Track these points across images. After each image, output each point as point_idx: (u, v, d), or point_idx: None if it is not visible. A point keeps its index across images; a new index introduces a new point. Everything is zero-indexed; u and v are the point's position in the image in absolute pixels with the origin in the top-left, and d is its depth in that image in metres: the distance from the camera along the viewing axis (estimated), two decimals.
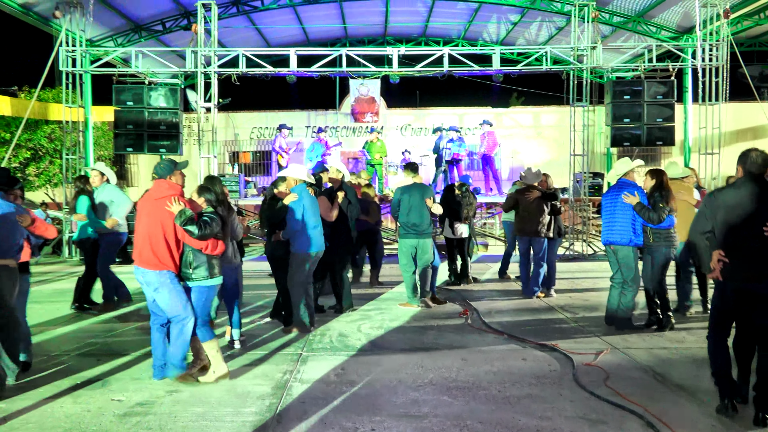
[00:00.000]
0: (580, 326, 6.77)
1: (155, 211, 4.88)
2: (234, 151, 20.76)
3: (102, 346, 6.17)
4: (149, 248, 4.84)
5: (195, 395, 4.66)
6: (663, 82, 13.01)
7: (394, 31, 19.24)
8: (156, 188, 5.01)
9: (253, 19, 16.44)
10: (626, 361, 5.42)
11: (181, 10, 14.96)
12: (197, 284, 4.94)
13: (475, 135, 20.56)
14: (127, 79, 13.18)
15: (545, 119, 20.98)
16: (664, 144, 13.34)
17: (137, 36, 15.22)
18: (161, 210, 4.84)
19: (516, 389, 4.71)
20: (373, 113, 20.31)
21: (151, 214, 4.90)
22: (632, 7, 15.08)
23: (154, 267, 4.83)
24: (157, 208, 4.88)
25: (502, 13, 16.85)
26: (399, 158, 17.06)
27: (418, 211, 7.69)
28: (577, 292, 8.80)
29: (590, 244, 13.50)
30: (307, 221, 6.41)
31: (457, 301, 8.18)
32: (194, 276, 4.93)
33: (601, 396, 4.49)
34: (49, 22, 12.97)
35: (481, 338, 6.31)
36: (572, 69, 13.60)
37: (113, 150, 14.20)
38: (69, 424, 4.14)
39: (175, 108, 13.02)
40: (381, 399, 4.56)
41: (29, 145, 17.08)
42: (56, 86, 14.18)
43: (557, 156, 17.93)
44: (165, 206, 4.81)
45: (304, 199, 6.44)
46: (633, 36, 16.03)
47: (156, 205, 4.89)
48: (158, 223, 4.85)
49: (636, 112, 12.97)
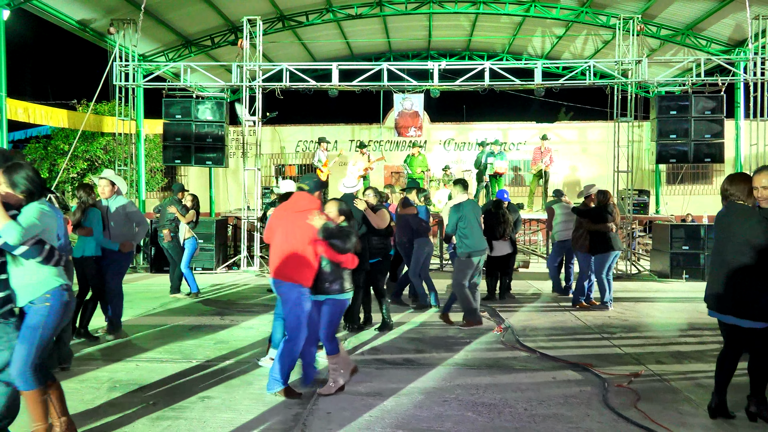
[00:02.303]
0: (616, 347, 6.64)
1: (296, 224, 4.87)
2: (280, 164, 21.15)
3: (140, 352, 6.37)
4: (287, 261, 4.83)
5: (225, 402, 4.78)
6: (712, 97, 12.70)
7: (437, 46, 19.35)
8: (296, 201, 5.01)
9: (298, 33, 16.79)
10: (660, 384, 5.29)
11: (229, 26, 15.40)
12: (334, 297, 4.98)
13: (519, 150, 20.47)
14: (176, 92, 13.63)
15: (591, 134, 20.72)
16: (712, 161, 13.00)
17: (187, 51, 15.73)
18: (302, 223, 4.83)
19: (543, 408, 4.66)
20: (416, 127, 20.38)
21: (292, 227, 4.89)
22: (681, 19, 14.77)
23: (288, 279, 4.83)
24: (297, 221, 4.87)
25: (546, 26, 16.75)
26: (440, 173, 17.06)
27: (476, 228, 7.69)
28: (614, 311, 8.63)
29: (635, 263, 13.20)
30: None
31: (492, 318, 8.13)
32: (331, 289, 4.96)
33: (629, 418, 4.40)
34: (104, 38, 13.54)
35: (512, 356, 6.26)
36: (617, 83, 13.40)
37: (162, 162, 14.67)
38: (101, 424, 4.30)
39: (221, 121, 13.39)
40: (406, 413, 4.58)
41: (86, 156, 17.78)
42: (111, 100, 14.75)
43: (603, 172, 17.65)
44: (306, 220, 4.81)
45: None
46: (682, 49, 15.70)
47: (297, 218, 4.88)
48: (299, 236, 4.84)
49: (683, 128, 12.70)
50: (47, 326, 3.65)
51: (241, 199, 14.29)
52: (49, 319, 3.65)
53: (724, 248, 4.27)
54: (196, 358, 6.07)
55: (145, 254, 12.95)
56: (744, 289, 4.12)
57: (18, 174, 3.63)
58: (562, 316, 8.35)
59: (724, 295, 4.22)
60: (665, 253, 12.14)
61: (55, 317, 3.68)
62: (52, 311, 3.66)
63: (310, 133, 20.86)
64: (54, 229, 3.75)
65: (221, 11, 14.46)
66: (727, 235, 4.27)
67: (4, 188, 3.62)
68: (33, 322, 3.62)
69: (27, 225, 3.50)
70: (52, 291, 3.68)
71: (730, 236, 4.23)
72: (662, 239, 12.45)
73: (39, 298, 3.65)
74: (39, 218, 3.58)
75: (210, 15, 14.59)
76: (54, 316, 3.67)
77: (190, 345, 6.60)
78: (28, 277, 3.65)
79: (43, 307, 3.64)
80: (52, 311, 3.66)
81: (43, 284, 3.66)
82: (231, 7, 14.33)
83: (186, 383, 5.24)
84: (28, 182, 3.65)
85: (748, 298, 4.09)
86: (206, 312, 8.51)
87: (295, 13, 15.42)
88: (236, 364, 5.89)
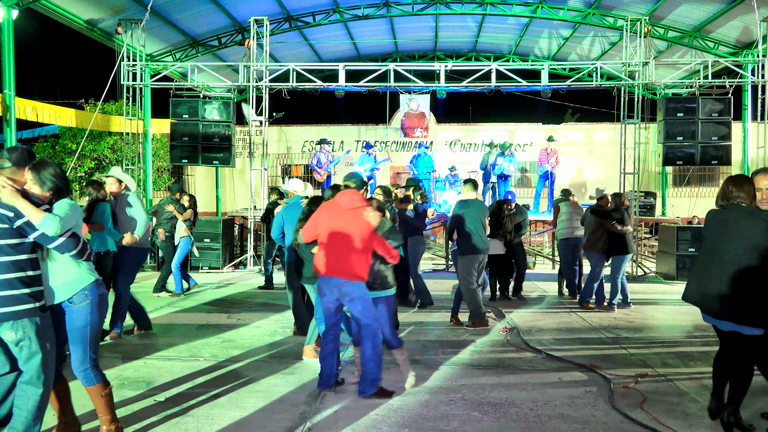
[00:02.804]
0: (622, 348, 6.64)
1: (350, 221, 4.86)
2: (286, 164, 21.20)
3: (148, 350, 6.41)
4: (345, 258, 4.81)
5: (232, 400, 4.81)
6: (719, 99, 12.67)
7: (444, 47, 19.36)
8: (348, 198, 5.00)
9: (306, 34, 16.83)
10: (666, 385, 5.29)
11: (236, 26, 15.44)
12: (386, 293, 5.05)
13: (525, 152, 20.46)
14: (183, 92, 13.68)
15: (597, 136, 20.70)
16: (719, 163, 12.96)
17: (194, 51, 15.78)
18: (357, 220, 4.84)
19: (548, 408, 4.67)
20: (422, 128, 20.43)
21: (345, 224, 4.86)
22: (688, 21, 14.74)
23: (352, 278, 4.81)
24: (351, 218, 4.87)
25: (553, 28, 16.74)
26: (446, 174, 17.09)
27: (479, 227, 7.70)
28: (620, 313, 8.62)
29: (640, 265, 13.18)
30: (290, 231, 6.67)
31: (499, 318, 8.14)
32: (385, 285, 5.04)
33: (635, 419, 4.41)
34: (112, 38, 13.60)
35: (518, 356, 6.27)
36: (623, 85, 13.38)
37: (169, 161, 14.73)
38: None
39: (228, 121, 13.44)
40: (412, 412, 4.59)
41: (93, 156, 17.88)
42: (119, 99, 14.82)
43: (609, 174, 17.63)
44: (361, 216, 4.83)
45: (287, 211, 6.72)
46: (689, 51, 15.66)
47: (350, 215, 4.88)
48: (355, 233, 4.83)
49: (690, 130, 12.67)
50: (93, 323, 3.75)
51: (247, 199, 14.35)
52: (93, 316, 3.75)
53: (723, 249, 4.12)
54: (204, 356, 6.11)
55: (152, 253, 13.00)
56: (747, 293, 3.98)
57: (45, 171, 3.65)
58: (568, 317, 8.35)
59: (723, 299, 4.06)
60: (671, 255, 12.12)
61: (98, 312, 3.78)
62: (94, 307, 3.74)
63: (316, 133, 20.91)
64: (81, 226, 3.82)
65: (228, 12, 14.51)
66: (727, 237, 4.11)
67: (31, 185, 3.63)
68: (80, 323, 3.71)
69: (64, 217, 3.52)
70: (90, 287, 3.74)
71: (732, 238, 4.08)
72: (668, 241, 12.43)
73: (77, 295, 3.70)
74: (72, 212, 3.62)
75: (217, 15, 14.64)
76: (96, 311, 3.76)
77: (197, 343, 6.64)
78: (64, 274, 3.66)
79: (85, 305, 3.71)
80: (93, 308, 3.74)
81: (80, 281, 3.71)
82: (238, 8, 14.37)
83: (193, 381, 5.28)
84: (56, 179, 3.67)
85: (751, 304, 3.96)
86: (213, 311, 8.55)
87: (302, 13, 15.46)
88: (243, 362, 5.92)
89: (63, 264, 3.67)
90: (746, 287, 3.98)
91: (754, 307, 3.95)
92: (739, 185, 4.21)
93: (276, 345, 6.62)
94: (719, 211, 4.29)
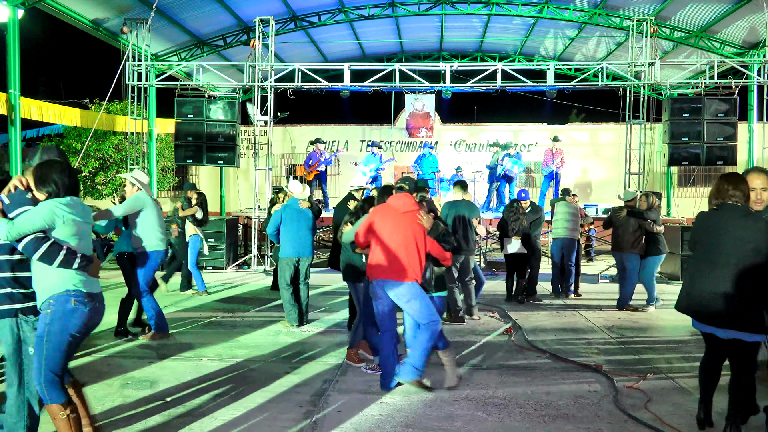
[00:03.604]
0: (626, 348, 6.62)
1: (405, 224, 4.97)
2: (291, 164, 21.20)
3: (152, 349, 6.42)
4: (401, 261, 4.90)
5: (237, 399, 4.81)
6: (725, 99, 12.62)
7: (449, 47, 19.33)
8: (402, 201, 5.10)
9: (311, 34, 16.83)
10: (671, 385, 5.27)
11: (242, 26, 15.45)
12: (439, 294, 5.14)
13: (531, 152, 20.40)
14: (188, 92, 13.70)
15: (603, 136, 20.63)
16: (725, 163, 12.89)
17: (199, 51, 15.80)
18: (412, 223, 4.94)
19: (553, 409, 4.65)
20: (427, 128, 20.41)
21: (401, 227, 4.98)
22: (695, 22, 14.68)
23: (407, 279, 4.91)
24: (406, 221, 4.97)
25: (559, 28, 16.69)
26: (452, 174, 17.05)
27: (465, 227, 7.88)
28: (626, 313, 8.60)
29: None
30: (285, 230, 7.36)
31: (503, 318, 8.13)
32: (437, 286, 5.12)
33: (640, 419, 4.40)
34: (117, 38, 13.61)
35: (523, 356, 6.25)
36: (629, 85, 13.34)
37: (174, 161, 14.75)
38: (113, 420, 4.34)
39: (232, 121, 13.45)
40: (416, 411, 4.59)
41: (98, 155, 17.89)
42: (123, 99, 14.85)
43: (614, 174, 17.58)
44: (416, 219, 4.93)
45: (284, 210, 7.43)
46: (695, 52, 15.59)
47: (405, 218, 4.99)
48: (411, 235, 4.94)
49: (695, 131, 12.63)
50: (51, 335, 3.40)
51: (251, 199, 14.35)
52: (51, 327, 3.41)
53: (720, 253, 3.93)
54: (208, 355, 6.12)
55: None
56: (748, 299, 3.82)
57: (43, 173, 3.54)
58: (572, 317, 8.33)
59: (723, 306, 3.87)
60: (676, 255, 12.06)
61: (59, 325, 3.41)
62: (55, 318, 3.41)
63: (321, 133, 20.87)
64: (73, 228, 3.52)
65: (234, 11, 14.52)
66: (724, 240, 3.92)
67: (33, 186, 3.56)
68: (39, 331, 3.46)
69: (20, 221, 3.37)
70: (56, 296, 3.43)
71: (730, 241, 3.90)
72: (673, 242, 12.36)
73: (44, 303, 3.46)
74: (42, 215, 3.41)
75: (223, 15, 14.65)
76: (57, 324, 3.41)
77: (201, 342, 6.65)
78: (39, 279, 3.49)
79: (45, 314, 3.43)
80: (54, 318, 3.41)
81: (50, 289, 3.45)
82: (244, 8, 14.38)
83: (197, 380, 5.28)
84: (49, 182, 3.51)
85: (754, 310, 3.80)
86: (218, 310, 8.56)
87: (307, 13, 15.45)
88: (247, 361, 5.93)
89: (37, 268, 3.48)
90: (748, 293, 3.82)
91: (757, 313, 3.81)
92: (735, 184, 4.01)
93: (280, 344, 6.62)
94: (712, 213, 4.09)
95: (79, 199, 3.67)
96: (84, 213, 3.63)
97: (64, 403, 3.44)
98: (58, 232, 3.46)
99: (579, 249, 10.15)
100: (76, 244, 3.52)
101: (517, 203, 9.51)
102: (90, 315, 3.53)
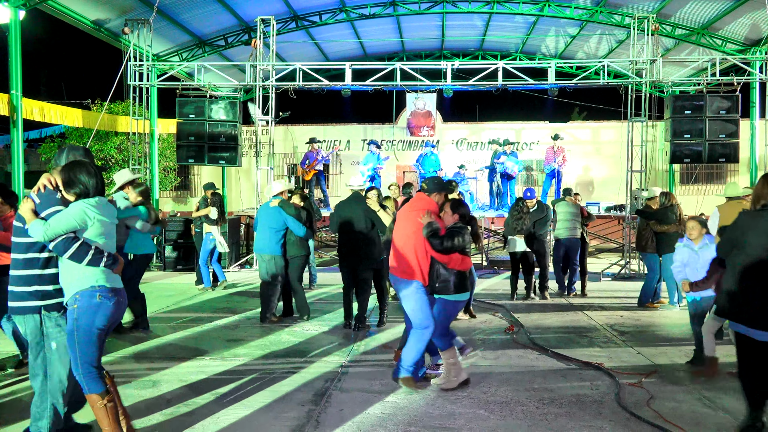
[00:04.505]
0: (628, 346, 6.61)
1: (408, 223, 5.12)
2: (292, 164, 21.20)
3: (155, 349, 6.43)
4: (402, 258, 5.09)
5: (238, 398, 4.81)
6: (727, 97, 12.59)
7: (450, 45, 19.30)
8: (415, 201, 5.32)
9: (312, 33, 16.82)
10: (673, 383, 5.27)
11: (243, 26, 15.45)
12: (445, 297, 5.11)
13: (532, 150, 20.39)
14: (189, 92, 13.71)
15: (604, 134, 20.59)
16: (727, 161, 12.90)
17: (201, 51, 15.80)
18: (414, 222, 5.05)
19: (555, 407, 4.65)
20: (429, 127, 20.40)
21: (404, 225, 5.18)
22: (696, 19, 14.65)
23: (403, 275, 5.06)
24: (409, 221, 5.12)
25: (560, 26, 16.66)
26: (454, 172, 17.04)
27: None
28: (628, 311, 8.60)
29: None
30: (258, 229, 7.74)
31: (505, 317, 8.12)
32: (438, 288, 5.10)
33: (642, 417, 4.39)
34: (119, 38, 13.61)
35: (525, 354, 6.25)
36: (631, 83, 13.32)
37: (176, 161, 14.76)
38: None
39: (234, 121, 13.46)
40: (418, 410, 4.59)
41: (100, 156, 17.91)
42: (125, 99, 14.86)
43: (616, 172, 17.55)
44: (418, 218, 5.02)
45: (262, 210, 7.84)
46: (697, 49, 15.56)
47: (410, 217, 5.13)
48: (410, 234, 5.07)
49: (697, 128, 12.61)
50: (79, 329, 3.57)
51: (253, 199, 14.36)
52: (79, 322, 3.57)
53: None
54: (210, 354, 6.13)
55: (158, 253, 13.03)
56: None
57: (71, 173, 3.64)
58: (575, 315, 8.33)
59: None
60: None
61: (86, 320, 3.57)
62: (82, 314, 3.56)
63: (322, 132, 20.88)
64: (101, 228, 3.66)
65: (235, 11, 14.52)
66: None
67: (62, 186, 3.68)
68: (68, 327, 3.61)
69: (55, 222, 3.51)
70: (82, 292, 3.58)
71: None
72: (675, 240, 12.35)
73: (70, 299, 3.61)
74: (74, 216, 3.54)
75: (224, 15, 14.65)
76: (84, 318, 3.57)
77: (203, 341, 6.66)
78: (65, 276, 3.63)
79: (72, 310, 3.59)
80: (81, 314, 3.56)
81: (75, 285, 3.59)
82: (245, 8, 14.37)
83: (199, 379, 5.29)
84: (78, 182, 3.64)
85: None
86: (220, 309, 8.57)
87: (308, 13, 15.44)
88: (249, 360, 5.94)
89: (65, 265, 3.63)
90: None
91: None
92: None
93: (282, 344, 6.63)
94: (759, 213, 3.95)
95: (105, 199, 3.79)
96: (110, 213, 3.78)
97: (102, 393, 3.64)
98: (87, 232, 3.62)
99: (585, 249, 10.14)
100: (103, 243, 3.67)
101: (522, 202, 9.52)
102: (114, 308, 3.70)
